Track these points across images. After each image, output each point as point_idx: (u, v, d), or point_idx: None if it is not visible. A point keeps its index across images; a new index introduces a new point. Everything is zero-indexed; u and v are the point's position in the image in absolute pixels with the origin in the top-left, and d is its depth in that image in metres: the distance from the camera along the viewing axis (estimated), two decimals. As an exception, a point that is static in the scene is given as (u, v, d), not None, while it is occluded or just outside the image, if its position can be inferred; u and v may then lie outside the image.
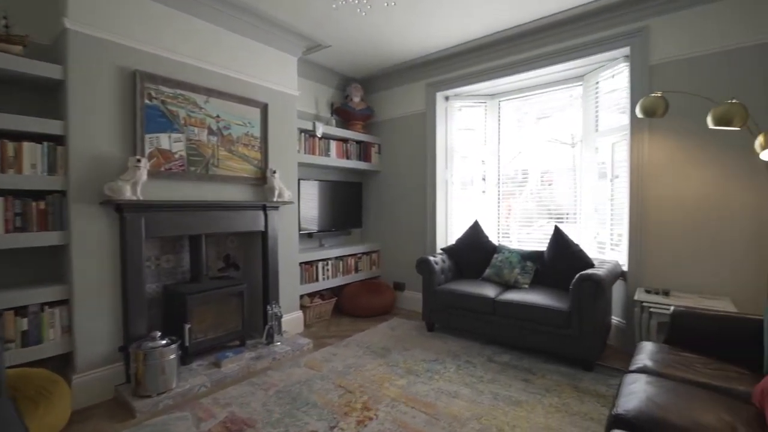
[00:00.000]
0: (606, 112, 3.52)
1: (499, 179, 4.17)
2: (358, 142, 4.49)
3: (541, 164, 3.97)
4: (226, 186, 3.13)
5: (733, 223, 2.64)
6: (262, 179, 3.36)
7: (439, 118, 4.23)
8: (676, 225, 2.86)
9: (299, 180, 3.96)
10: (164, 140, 2.74)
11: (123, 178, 2.46)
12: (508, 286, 3.42)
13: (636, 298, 2.66)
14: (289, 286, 3.64)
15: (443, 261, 3.73)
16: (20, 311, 2.22)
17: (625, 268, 3.15)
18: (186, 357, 2.82)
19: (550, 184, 3.95)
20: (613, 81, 3.39)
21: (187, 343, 2.78)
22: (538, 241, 3.87)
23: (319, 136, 3.93)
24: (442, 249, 3.95)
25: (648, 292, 2.76)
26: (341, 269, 4.25)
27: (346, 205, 4.54)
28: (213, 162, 3.03)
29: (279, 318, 3.30)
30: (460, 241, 3.86)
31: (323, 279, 4.04)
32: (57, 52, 2.43)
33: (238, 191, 3.23)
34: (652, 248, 2.96)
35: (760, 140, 2.05)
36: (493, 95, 4.18)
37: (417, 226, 4.37)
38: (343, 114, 4.48)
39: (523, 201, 4.07)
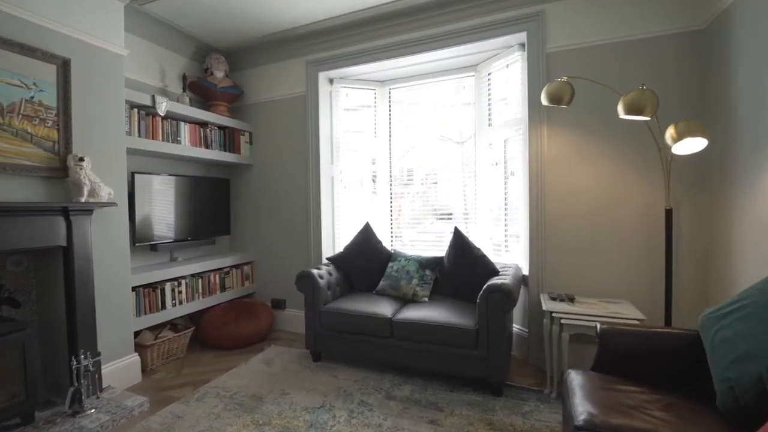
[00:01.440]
0: (500, 105, 3.30)
1: (391, 177, 3.70)
2: (222, 128, 3.58)
3: (431, 161, 3.62)
4: (-13, 179, 2.01)
5: (630, 221, 2.56)
6: (61, 170, 2.29)
7: (322, 103, 3.58)
8: (576, 224, 2.70)
9: (133, 174, 2.92)
10: None
11: None
12: (406, 300, 2.94)
13: (544, 308, 2.39)
14: (116, 321, 2.59)
15: (330, 273, 3.09)
16: None
17: (525, 271, 2.92)
18: None
19: (435, 183, 3.64)
20: (507, 71, 3.17)
21: None
22: (432, 244, 3.50)
23: (162, 114, 2.94)
24: (328, 258, 3.30)
25: (553, 299, 2.52)
26: (201, 289, 3.30)
27: (208, 206, 3.58)
28: (-42, 140, 1.89)
29: (93, 373, 2.27)
30: (350, 248, 3.27)
31: (173, 305, 3.05)
32: None
33: (17, 186, 2.11)
34: (552, 249, 2.77)
35: (671, 132, 1.87)
36: (382, 81, 3.70)
37: (299, 231, 3.65)
38: (200, 91, 3.52)
39: (410, 201, 3.69)
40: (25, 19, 2.13)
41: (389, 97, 3.72)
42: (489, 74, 3.34)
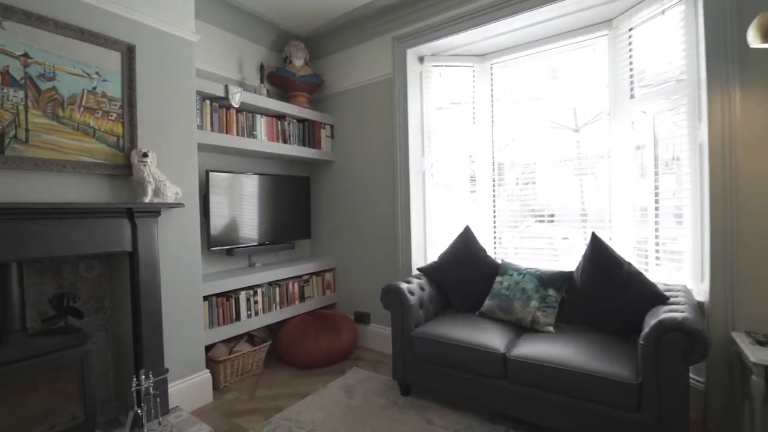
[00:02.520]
0: (647, 69, 2.40)
1: (494, 171, 2.99)
2: (301, 121, 3.21)
3: (534, 152, 2.83)
4: (48, 177, 1.80)
5: None
6: (125, 167, 2.05)
7: (412, 87, 3.02)
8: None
9: (207, 172, 2.66)
10: None
11: None
12: (521, 327, 2.23)
13: (753, 358, 1.51)
14: (186, 334, 2.32)
15: (422, 288, 2.50)
16: None
17: (699, 297, 2.02)
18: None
19: (534, 181, 2.85)
20: (659, 21, 2.27)
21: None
22: (542, 253, 2.71)
23: (236, 105, 2.63)
24: (419, 269, 2.72)
25: (762, 343, 1.62)
26: (278, 299, 2.96)
27: (288, 207, 3.25)
28: (17, 135, 1.69)
29: (155, 396, 1.98)
30: (446, 257, 2.65)
31: (248, 316, 2.74)
32: None
33: (77, 186, 1.90)
34: (747, 267, 1.84)
35: None
36: (482, 55, 3.01)
37: (386, 235, 3.13)
38: (279, 82, 3.20)
39: (506, 200, 2.95)
40: (87, 2, 1.91)
41: (491, 74, 3.01)
42: (630, 30, 2.46)
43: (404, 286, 2.37)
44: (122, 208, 1.97)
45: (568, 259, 2.65)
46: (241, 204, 2.89)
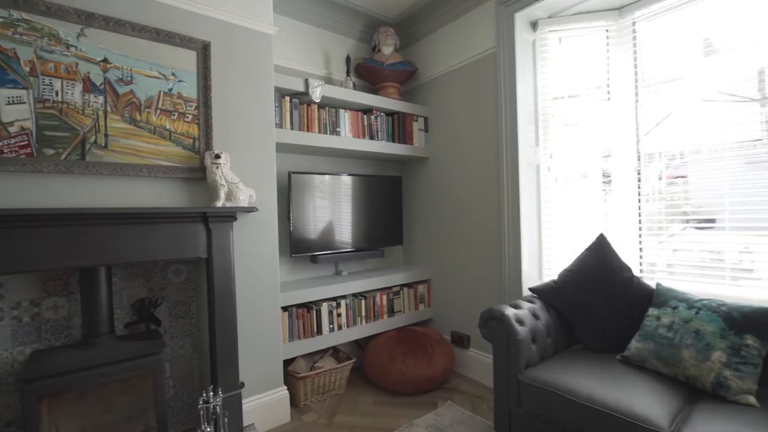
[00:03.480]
0: None
1: (639, 161, 2.19)
2: (390, 114, 2.86)
3: (700, 134, 1.92)
4: (126, 182, 1.76)
5: None
6: (201, 170, 1.94)
7: (522, 61, 2.41)
8: None
9: (290, 174, 2.48)
10: (-19, 100, 1.46)
11: None
12: (696, 389, 1.47)
13: None
14: (262, 347, 2.14)
15: (535, 315, 1.89)
16: None
17: None
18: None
19: (683, 177, 1.90)
20: None
21: (10, 483, 1.42)
22: (716, 278, 1.81)
23: (317, 100, 2.40)
24: (533, 290, 2.11)
25: None
26: (364, 312, 2.64)
27: (378, 211, 2.93)
28: (97, 140, 1.68)
29: (221, 415, 1.81)
30: (571, 274, 1.99)
31: (331, 330, 2.48)
32: None
33: (154, 191, 1.84)
34: None
35: None
36: (620, 8, 2.24)
37: (489, 243, 2.57)
38: (366, 73, 2.90)
39: (645, 200, 2.09)
40: (162, 2, 1.84)
41: (633, 33, 2.23)
42: None
43: (510, 312, 1.81)
44: (197, 213, 1.86)
45: (762, 283, 1.73)
46: (326, 208, 2.67)
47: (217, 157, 1.89)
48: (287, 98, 2.34)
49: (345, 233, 2.76)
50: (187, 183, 1.93)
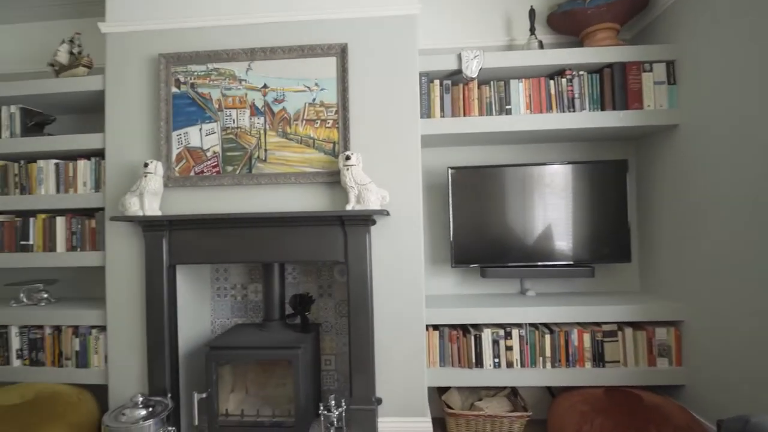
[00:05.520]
0: None
1: None
2: (597, 71, 1.91)
3: None
4: (278, 189, 1.95)
5: None
6: (339, 174, 1.91)
7: None
8: None
9: (448, 169, 2.09)
10: (194, 135, 1.97)
11: (132, 189, 1.88)
12: None
13: None
14: (403, 366, 1.88)
15: None
16: (76, 330, 2.08)
17: None
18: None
19: None
20: None
21: (196, 420, 1.82)
22: None
23: (473, 75, 1.89)
24: None
25: None
26: (548, 351, 1.88)
27: (584, 211, 2.04)
28: (258, 155, 1.94)
29: (342, 428, 1.69)
30: None
31: (494, 366, 1.89)
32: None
33: (299, 196, 1.95)
34: None
35: None
36: None
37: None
38: (562, 23, 2.07)
39: None
40: (303, 20, 1.93)
41: None
42: None
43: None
44: (334, 216, 1.85)
45: None
46: (502, 209, 2.08)
47: (348, 158, 1.79)
48: (436, 82, 1.97)
49: (532, 242, 2.07)
50: (329, 187, 1.94)
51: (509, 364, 1.89)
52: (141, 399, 1.76)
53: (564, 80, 1.91)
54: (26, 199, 2.10)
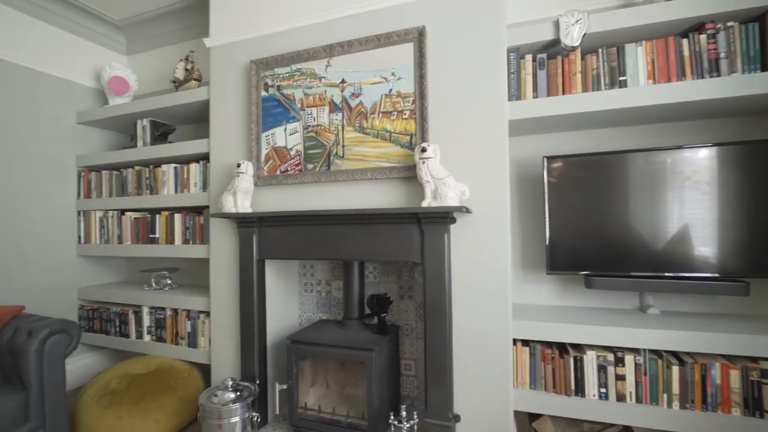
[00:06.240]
0: None
1: None
2: (755, 18, 1.39)
3: None
4: (355, 186, 1.89)
5: None
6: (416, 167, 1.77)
7: None
8: None
9: (544, 159, 1.78)
10: (279, 136, 2.04)
11: (227, 188, 2.04)
12: None
13: None
14: (484, 383, 1.65)
15: None
16: (188, 314, 2.34)
17: None
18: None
19: None
20: None
21: (277, 409, 1.87)
22: None
23: (574, 44, 1.55)
24: None
25: None
26: (676, 388, 1.45)
27: (738, 208, 1.54)
28: (336, 152, 1.92)
29: (412, 444, 1.55)
30: None
31: (600, 396, 1.54)
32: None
33: (375, 193, 1.86)
34: None
35: None
36: None
37: None
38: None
39: None
40: (378, 8, 1.82)
41: None
42: None
43: None
44: (409, 214, 1.72)
45: None
46: (618, 204, 1.69)
47: (423, 150, 1.64)
48: (528, 58, 1.68)
49: (660, 247, 1.64)
50: (405, 183, 1.81)
51: (620, 397, 1.52)
52: (231, 383, 1.89)
53: (703, 37, 1.46)
54: (153, 198, 2.44)
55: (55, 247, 2.58)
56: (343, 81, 1.91)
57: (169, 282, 2.56)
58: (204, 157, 2.33)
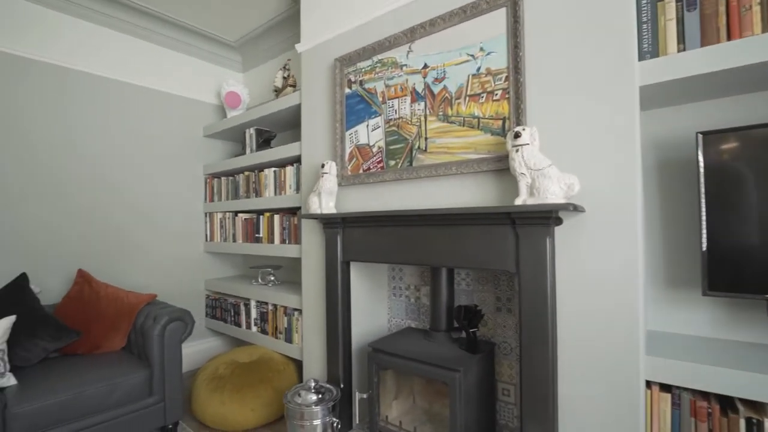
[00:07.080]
0: None
1: None
2: None
3: None
4: (438, 182, 1.66)
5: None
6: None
7: None
8: None
9: (697, 136, 1.29)
10: (362, 133, 1.93)
11: (313, 189, 2.02)
12: None
13: None
14: (602, 430, 1.26)
15: None
16: (285, 310, 2.42)
17: None
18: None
19: None
20: None
21: (357, 418, 1.76)
22: None
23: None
24: None
25: None
26: None
27: None
28: (419, 145, 1.72)
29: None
30: None
31: (803, 486, 1.00)
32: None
33: (462, 189, 1.60)
34: None
35: None
36: None
37: None
38: None
39: None
40: (466, -28, 1.55)
41: None
42: None
43: None
44: (500, 213, 1.42)
45: None
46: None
47: (517, 135, 1.33)
48: (663, 2, 1.21)
49: None
50: (496, 176, 1.51)
51: (843, 495, 0.97)
52: (314, 384, 1.85)
53: None
54: (258, 200, 2.60)
55: (188, 244, 2.96)
56: (425, 66, 1.69)
57: (272, 278, 2.70)
58: (297, 160, 2.38)
